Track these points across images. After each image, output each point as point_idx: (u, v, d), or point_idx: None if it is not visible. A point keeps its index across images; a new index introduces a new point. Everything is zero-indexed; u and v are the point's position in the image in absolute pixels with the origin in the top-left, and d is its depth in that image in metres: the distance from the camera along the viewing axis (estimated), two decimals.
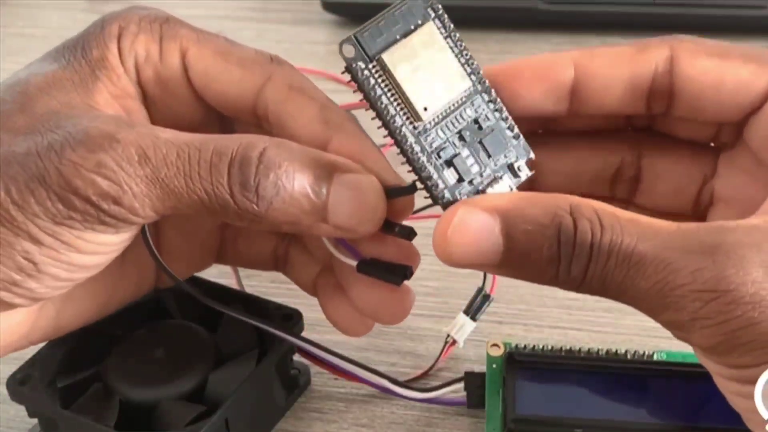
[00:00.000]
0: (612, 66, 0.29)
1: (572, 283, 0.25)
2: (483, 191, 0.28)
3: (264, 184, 0.27)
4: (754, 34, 0.63)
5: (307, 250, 0.35)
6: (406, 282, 0.31)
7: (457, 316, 0.38)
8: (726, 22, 0.63)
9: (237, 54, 0.31)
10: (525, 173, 0.29)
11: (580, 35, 0.64)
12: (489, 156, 0.29)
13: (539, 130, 0.32)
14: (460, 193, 0.28)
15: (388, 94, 0.27)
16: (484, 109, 0.29)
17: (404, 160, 0.28)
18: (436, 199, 0.28)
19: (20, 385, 0.33)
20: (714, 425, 0.32)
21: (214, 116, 0.32)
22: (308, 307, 0.37)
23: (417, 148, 0.28)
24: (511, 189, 0.29)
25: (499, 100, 0.29)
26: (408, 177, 0.29)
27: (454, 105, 0.28)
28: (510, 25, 0.64)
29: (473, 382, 0.35)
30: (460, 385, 0.36)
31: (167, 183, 0.27)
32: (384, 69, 0.27)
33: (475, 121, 0.29)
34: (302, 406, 0.37)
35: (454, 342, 0.38)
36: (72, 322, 0.33)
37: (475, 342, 0.38)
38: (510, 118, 0.29)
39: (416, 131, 0.28)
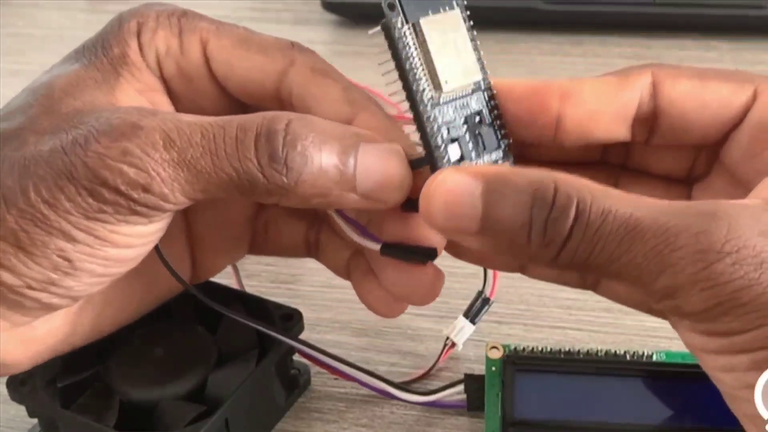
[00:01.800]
0: (599, 96, 0.29)
1: (547, 252, 0.25)
2: None
3: (292, 155, 0.27)
4: (754, 34, 0.63)
5: (338, 235, 0.35)
6: (436, 264, 0.31)
7: (457, 318, 0.38)
8: (726, 22, 0.63)
9: (257, 42, 0.31)
10: None
11: (580, 35, 0.64)
12: (484, 148, 0.29)
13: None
14: None
15: (419, 58, 0.28)
16: (484, 107, 0.29)
17: (415, 127, 0.28)
18: (436, 170, 0.28)
19: (20, 385, 0.33)
20: (714, 426, 0.32)
21: (238, 108, 0.32)
22: (308, 307, 0.37)
23: (433, 115, 0.28)
24: None
25: (495, 102, 0.30)
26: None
27: (466, 91, 0.29)
28: (510, 25, 0.64)
29: (473, 384, 0.35)
30: (461, 387, 0.36)
31: (194, 164, 0.26)
32: (418, 34, 0.28)
33: (478, 113, 0.29)
34: (302, 406, 0.37)
35: (454, 345, 0.38)
36: (112, 323, 0.33)
37: (475, 342, 0.38)
38: (501, 120, 0.30)
39: (433, 101, 0.28)
